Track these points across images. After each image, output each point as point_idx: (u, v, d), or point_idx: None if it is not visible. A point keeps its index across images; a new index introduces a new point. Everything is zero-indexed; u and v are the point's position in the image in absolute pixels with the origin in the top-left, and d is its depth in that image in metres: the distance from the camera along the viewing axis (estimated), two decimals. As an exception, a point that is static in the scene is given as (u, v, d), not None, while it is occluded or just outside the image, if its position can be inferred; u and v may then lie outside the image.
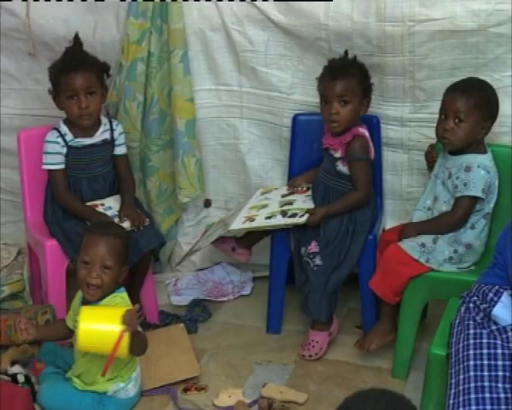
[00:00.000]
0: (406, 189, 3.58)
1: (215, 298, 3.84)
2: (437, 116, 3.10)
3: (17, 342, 3.21)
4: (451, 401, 2.37)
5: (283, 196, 3.56)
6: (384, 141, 3.52)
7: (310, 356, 3.31)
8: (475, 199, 3.03)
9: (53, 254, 3.36)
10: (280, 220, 3.38)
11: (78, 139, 3.37)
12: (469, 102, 2.98)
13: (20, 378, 3.10)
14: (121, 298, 2.92)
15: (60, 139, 3.34)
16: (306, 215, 3.34)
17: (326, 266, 3.27)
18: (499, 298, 2.48)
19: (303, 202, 3.46)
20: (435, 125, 3.10)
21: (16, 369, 3.14)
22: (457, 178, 3.03)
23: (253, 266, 3.89)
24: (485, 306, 2.48)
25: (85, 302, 2.91)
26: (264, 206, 3.53)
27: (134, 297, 3.43)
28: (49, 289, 3.40)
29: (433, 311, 3.30)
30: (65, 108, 3.32)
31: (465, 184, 3.00)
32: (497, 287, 2.49)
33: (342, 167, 3.35)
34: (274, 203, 3.52)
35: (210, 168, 3.87)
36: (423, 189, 3.29)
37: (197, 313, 3.68)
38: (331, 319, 3.36)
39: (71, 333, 2.99)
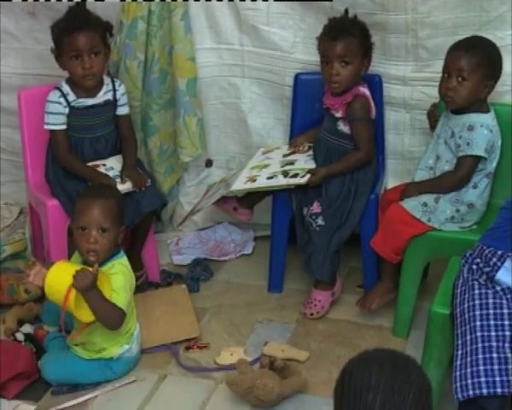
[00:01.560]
0: (408, 148, 3.58)
1: (217, 257, 3.85)
2: (440, 75, 3.08)
3: (20, 300, 3.24)
4: (459, 362, 2.37)
5: (285, 156, 3.55)
6: (386, 100, 3.51)
7: (311, 315, 3.33)
8: (478, 158, 3.02)
9: (54, 213, 3.37)
10: (281, 181, 3.37)
11: (80, 100, 3.35)
12: (472, 61, 2.96)
13: (20, 337, 3.13)
14: (119, 264, 2.92)
15: (62, 99, 3.33)
16: (308, 175, 3.32)
17: (328, 226, 3.28)
18: (502, 263, 2.46)
19: (304, 162, 3.45)
20: (438, 84, 3.09)
21: (26, 328, 3.17)
22: (460, 137, 3.02)
23: (255, 225, 3.90)
24: (487, 269, 2.47)
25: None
26: (266, 166, 3.52)
27: (135, 257, 3.48)
28: (50, 248, 3.41)
29: (435, 271, 3.31)
30: (68, 68, 3.30)
31: (468, 144, 3.00)
32: (500, 252, 2.48)
33: (343, 127, 3.34)
34: (275, 163, 3.52)
35: (211, 128, 3.86)
36: (425, 148, 3.28)
37: (199, 272, 3.70)
38: (334, 279, 3.38)
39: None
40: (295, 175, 3.37)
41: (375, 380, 1.59)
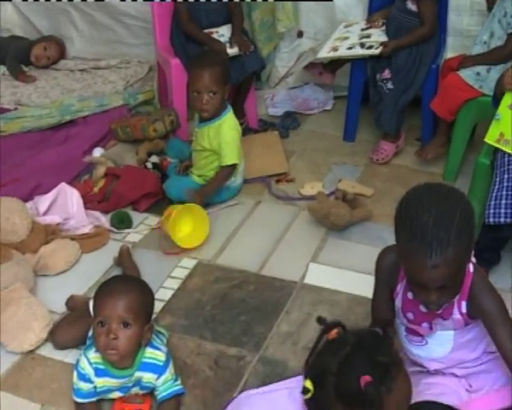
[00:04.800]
0: (466, 27, 3.39)
1: (303, 111, 3.79)
2: (500, -36, 2.87)
3: (150, 137, 3.27)
4: (495, 194, 2.31)
5: (362, 30, 3.42)
6: (450, -16, 3.31)
7: (377, 160, 3.29)
8: (525, 35, 2.84)
9: (177, 70, 3.35)
10: (358, 51, 3.27)
11: (199, -24, 3.27)
12: None
13: (149, 165, 3.17)
14: (229, 119, 2.91)
15: (184, -25, 3.25)
16: (381, 47, 3.22)
17: (396, 89, 3.19)
18: None
19: (378, 36, 3.33)
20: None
21: (154, 158, 3.22)
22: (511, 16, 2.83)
23: (335, 87, 3.80)
24: None
25: (201, 121, 2.95)
26: (346, 38, 3.41)
27: (239, 108, 3.48)
28: (174, 98, 3.42)
29: (480, 132, 3.18)
30: None
31: (517, 23, 2.82)
32: None
33: (411, 6, 3.19)
34: (354, 36, 3.40)
35: (303, 4, 3.71)
36: (481, 27, 3.10)
37: (289, 122, 3.66)
38: (399, 134, 3.32)
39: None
40: (370, 46, 3.27)
41: (427, 204, 1.56)
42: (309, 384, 1.55)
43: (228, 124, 2.92)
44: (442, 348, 1.81)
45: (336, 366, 1.52)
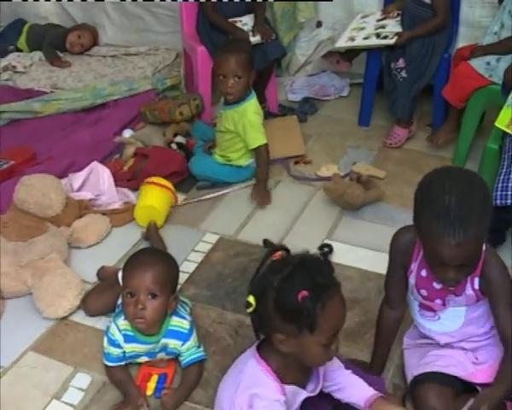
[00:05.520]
0: (478, 19, 3.32)
1: (320, 97, 3.76)
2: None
3: (176, 120, 3.26)
4: (502, 177, 2.29)
5: (378, 21, 3.37)
6: (463, -23, 3.25)
7: (390, 144, 3.25)
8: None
9: (203, 57, 3.34)
10: (374, 41, 3.23)
11: (223, -32, 3.23)
12: None
13: (174, 146, 3.16)
14: (252, 105, 2.88)
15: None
16: (395, 37, 3.17)
17: (410, 78, 3.15)
18: None
19: (393, 27, 3.27)
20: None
21: (179, 139, 3.21)
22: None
23: (351, 74, 3.77)
24: None
25: (226, 104, 2.92)
26: (363, 28, 3.36)
27: (260, 94, 3.43)
28: (199, 84, 3.40)
29: (489, 119, 3.14)
30: None
31: (526, 13, 2.76)
32: None
33: None
34: (370, 26, 3.35)
35: (323, -5, 3.68)
36: (492, 18, 3.03)
37: (307, 108, 3.62)
38: (411, 120, 3.28)
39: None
40: (385, 37, 3.22)
41: (448, 186, 1.54)
42: (251, 299, 1.53)
43: (252, 108, 2.89)
44: (453, 323, 1.80)
45: (277, 282, 1.49)
